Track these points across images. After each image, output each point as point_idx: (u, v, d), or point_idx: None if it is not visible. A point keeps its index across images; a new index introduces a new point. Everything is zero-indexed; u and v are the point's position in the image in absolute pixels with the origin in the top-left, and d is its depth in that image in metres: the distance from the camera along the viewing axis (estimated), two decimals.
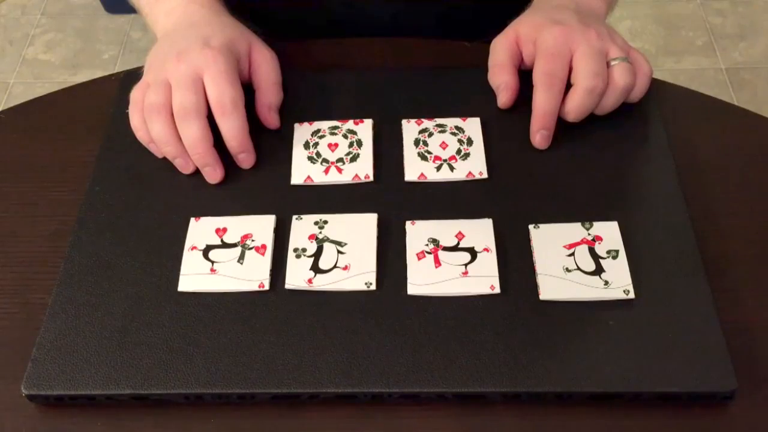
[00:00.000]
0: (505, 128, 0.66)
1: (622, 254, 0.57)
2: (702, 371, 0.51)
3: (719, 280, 0.56)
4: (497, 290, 0.55)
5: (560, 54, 0.63)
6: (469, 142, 0.65)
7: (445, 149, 0.64)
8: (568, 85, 0.64)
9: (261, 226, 0.60)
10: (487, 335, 0.53)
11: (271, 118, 0.66)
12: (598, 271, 0.56)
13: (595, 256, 0.57)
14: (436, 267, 0.57)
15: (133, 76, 0.69)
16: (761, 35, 1.88)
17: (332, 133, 0.66)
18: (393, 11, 0.81)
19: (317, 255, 0.58)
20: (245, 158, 0.64)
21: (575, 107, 0.63)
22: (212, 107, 0.62)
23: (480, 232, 0.58)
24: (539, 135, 0.64)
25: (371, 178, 0.63)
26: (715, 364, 0.51)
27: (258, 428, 0.52)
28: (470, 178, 0.62)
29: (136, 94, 0.65)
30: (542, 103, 0.63)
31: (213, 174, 0.63)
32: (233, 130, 0.62)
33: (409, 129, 0.66)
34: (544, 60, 0.64)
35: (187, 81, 0.62)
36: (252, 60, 0.67)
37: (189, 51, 0.63)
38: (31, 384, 0.52)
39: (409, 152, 0.64)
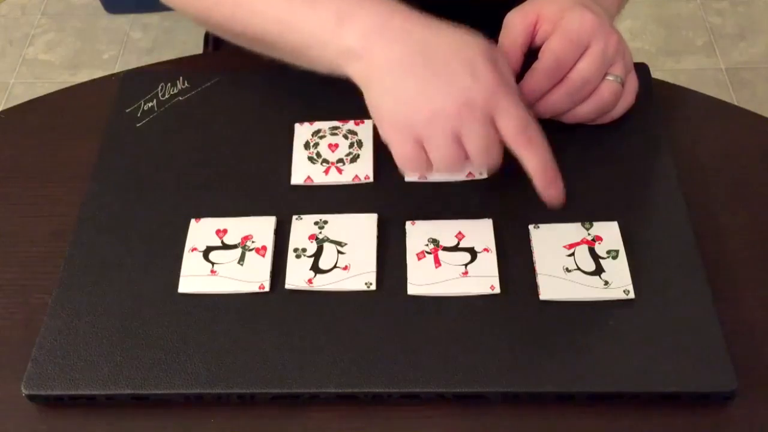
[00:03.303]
0: None
1: (622, 254, 0.57)
2: (702, 371, 0.51)
3: (719, 280, 0.56)
4: (497, 290, 0.55)
5: (579, 42, 0.59)
6: None
7: None
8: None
9: (261, 228, 0.60)
10: (487, 335, 0.53)
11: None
12: (598, 271, 0.56)
13: (595, 256, 0.57)
14: (436, 267, 0.57)
15: (133, 75, 0.69)
16: (761, 35, 1.88)
17: (333, 134, 0.66)
18: None
19: (317, 255, 0.58)
20: (555, 195, 0.56)
21: (551, 102, 0.61)
22: (512, 141, 0.54)
23: (480, 232, 0.58)
24: None
25: (371, 179, 0.63)
26: (715, 364, 0.51)
27: (258, 428, 0.52)
28: (470, 178, 0.62)
29: (410, 154, 0.55)
30: (535, 83, 0.60)
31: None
32: (543, 161, 0.55)
33: None
34: (561, 42, 0.59)
35: (481, 131, 0.53)
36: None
37: (462, 89, 0.53)
38: (31, 384, 0.52)
39: None
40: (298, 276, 0.57)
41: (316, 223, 0.60)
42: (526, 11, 0.63)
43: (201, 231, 0.60)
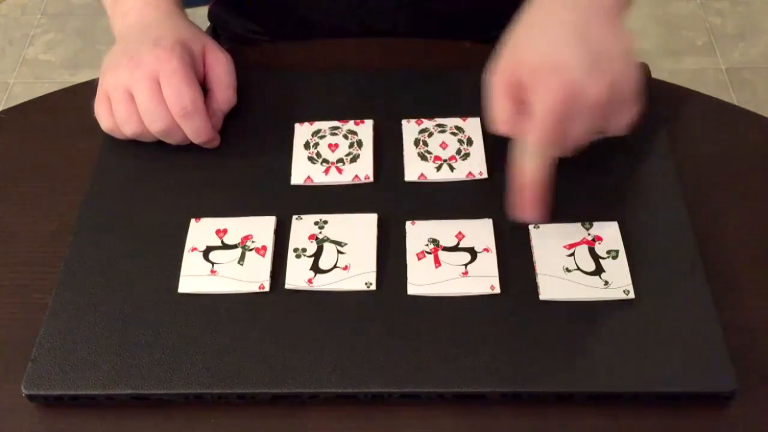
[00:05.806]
0: None
1: (622, 254, 0.57)
2: (702, 371, 0.51)
3: (719, 280, 0.56)
4: (497, 290, 0.55)
5: (560, 121, 0.54)
6: (469, 142, 0.65)
7: (445, 149, 0.64)
8: None
9: (261, 228, 0.59)
10: (487, 335, 0.53)
11: (215, 126, 0.65)
12: (598, 271, 0.56)
13: (595, 256, 0.57)
14: (436, 267, 0.57)
15: None
16: (761, 35, 1.88)
17: (333, 134, 0.66)
18: (393, 12, 0.81)
19: (317, 255, 0.58)
20: (211, 144, 0.65)
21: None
22: (171, 110, 0.61)
23: (480, 232, 0.58)
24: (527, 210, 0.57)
25: (371, 179, 0.63)
26: (715, 364, 0.51)
27: (258, 428, 0.52)
28: (470, 178, 0.62)
29: (101, 110, 0.64)
30: (531, 173, 0.56)
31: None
32: (197, 130, 0.63)
33: (409, 129, 0.66)
34: (541, 128, 0.55)
35: (144, 87, 0.61)
36: (206, 61, 0.67)
37: (140, 54, 0.63)
38: (31, 384, 0.52)
39: (409, 152, 0.64)
40: (298, 276, 0.57)
41: (316, 223, 0.60)
42: (505, 77, 0.58)
43: (201, 231, 0.60)
